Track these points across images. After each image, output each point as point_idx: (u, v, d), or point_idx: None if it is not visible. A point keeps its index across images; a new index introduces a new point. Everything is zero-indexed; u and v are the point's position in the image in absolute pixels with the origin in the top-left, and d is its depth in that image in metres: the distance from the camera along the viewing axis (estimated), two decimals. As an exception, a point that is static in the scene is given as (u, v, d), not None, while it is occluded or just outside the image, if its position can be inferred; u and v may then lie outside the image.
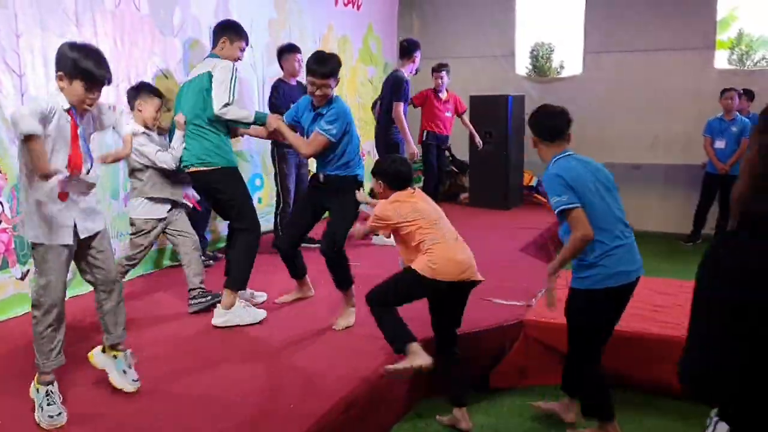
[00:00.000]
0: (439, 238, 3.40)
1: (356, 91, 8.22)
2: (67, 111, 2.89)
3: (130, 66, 4.94)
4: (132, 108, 4.42)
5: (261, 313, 4.19)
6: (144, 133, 4.35)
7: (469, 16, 9.11)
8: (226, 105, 4.08)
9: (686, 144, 8.08)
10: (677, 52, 8.14)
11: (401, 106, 6.34)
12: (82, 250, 3.07)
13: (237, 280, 4.16)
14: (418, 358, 3.26)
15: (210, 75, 4.13)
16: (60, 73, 2.87)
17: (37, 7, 4.20)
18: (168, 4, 5.26)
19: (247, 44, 4.49)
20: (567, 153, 3.30)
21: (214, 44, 4.43)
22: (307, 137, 4.09)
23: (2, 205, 4.07)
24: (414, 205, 3.49)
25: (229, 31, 4.39)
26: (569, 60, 10.17)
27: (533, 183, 8.74)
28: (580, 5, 8.69)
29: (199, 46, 5.62)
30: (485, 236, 6.75)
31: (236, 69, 4.19)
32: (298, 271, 4.49)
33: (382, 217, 3.49)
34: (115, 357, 3.21)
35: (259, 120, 4.20)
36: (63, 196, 2.92)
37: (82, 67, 2.83)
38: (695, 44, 8.07)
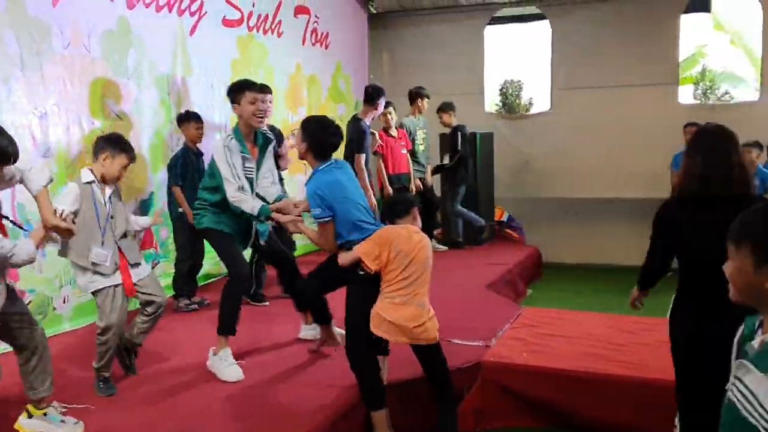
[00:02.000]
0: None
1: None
2: None
3: (81, 109, 4.88)
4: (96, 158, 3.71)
5: (237, 374, 3.92)
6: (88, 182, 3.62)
7: (438, 54, 9.14)
8: None
9: (655, 178, 8.08)
10: (643, 88, 8.20)
11: (362, 158, 6.35)
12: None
13: (220, 326, 4.05)
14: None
15: None
16: None
17: (-22, 52, 4.15)
18: (121, 47, 5.23)
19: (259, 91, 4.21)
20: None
21: None
22: None
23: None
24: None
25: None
26: (538, 97, 10.26)
27: (504, 218, 8.71)
28: (546, 43, 8.78)
29: (156, 88, 5.59)
30: (453, 273, 6.69)
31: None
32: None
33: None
34: (45, 414, 3.12)
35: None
36: None
37: None
38: (660, 80, 8.15)
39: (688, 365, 2.87)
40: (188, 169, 5.28)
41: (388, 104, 7.13)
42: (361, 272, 3.43)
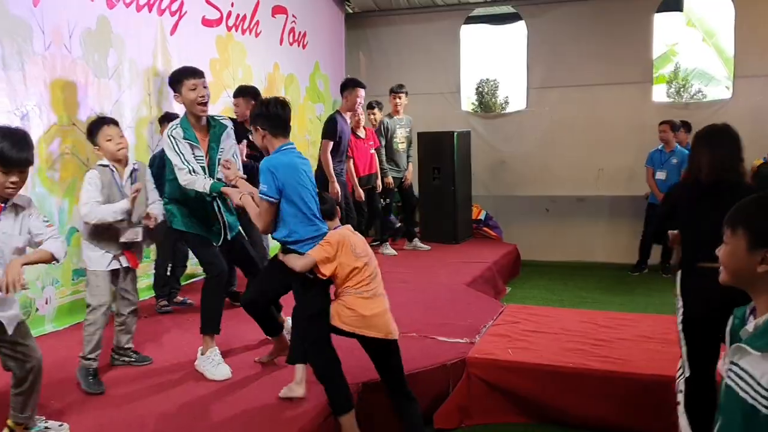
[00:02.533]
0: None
1: (305, 128, 8.23)
2: None
3: (61, 110, 4.83)
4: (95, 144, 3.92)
5: (225, 373, 3.91)
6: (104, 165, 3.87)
7: (415, 53, 9.20)
8: None
9: (630, 176, 8.22)
10: (618, 87, 8.32)
11: (329, 144, 6.37)
12: None
13: (203, 325, 4.06)
14: None
15: None
16: None
17: (-41, 51, 4.09)
18: (102, 47, 5.18)
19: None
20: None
21: None
22: None
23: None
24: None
25: None
26: (514, 95, 10.36)
27: (481, 216, 8.79)
28: (522, 42, 8.87)
29: (136, 88, 5.55)
30: (434, 271, 6.76)
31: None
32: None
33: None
34: (27, 429, 3.08)
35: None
36: None
37: None
38: (634, 79, 8.27)
39: (691, 344, 3.16)
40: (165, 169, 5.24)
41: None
42: (311, 275, 3.35)
